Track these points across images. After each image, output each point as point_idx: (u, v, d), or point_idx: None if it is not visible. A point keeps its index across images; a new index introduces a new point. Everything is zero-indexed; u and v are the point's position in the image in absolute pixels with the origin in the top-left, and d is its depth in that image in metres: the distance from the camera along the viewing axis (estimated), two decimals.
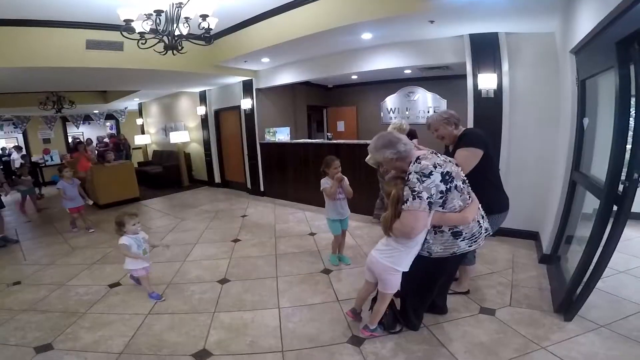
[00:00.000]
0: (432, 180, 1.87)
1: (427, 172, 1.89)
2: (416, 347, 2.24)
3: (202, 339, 2.44)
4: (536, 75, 3.80)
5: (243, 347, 2.34)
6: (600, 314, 2.45)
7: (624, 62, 2.04)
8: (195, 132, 9.02)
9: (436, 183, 1.88)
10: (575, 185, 3.11)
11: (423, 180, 1.88)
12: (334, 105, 9.44)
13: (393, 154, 2.02)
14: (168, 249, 4.11)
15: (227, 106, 7.84)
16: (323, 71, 5.82)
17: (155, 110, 10.75)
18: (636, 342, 2.14)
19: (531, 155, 3.93)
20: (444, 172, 1.91)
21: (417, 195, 1.87)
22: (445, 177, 1.90)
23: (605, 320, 2.38)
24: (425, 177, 1.88)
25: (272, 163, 6.95)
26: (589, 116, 2.92)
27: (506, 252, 3.73)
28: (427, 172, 1.89)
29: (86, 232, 5.27)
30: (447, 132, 2.60)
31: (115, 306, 2.99)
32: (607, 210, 2.21)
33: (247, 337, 2.45)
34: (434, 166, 1.90)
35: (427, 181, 1.88)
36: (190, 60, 5.40)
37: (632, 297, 2.65)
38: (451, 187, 1.92)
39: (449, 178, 1.91)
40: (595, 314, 2.45)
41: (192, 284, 3.36)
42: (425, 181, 1.88)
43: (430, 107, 7.71)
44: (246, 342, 2.39)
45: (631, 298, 2.65)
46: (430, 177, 1.88)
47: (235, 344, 2.38)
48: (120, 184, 7.07)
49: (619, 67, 2.07)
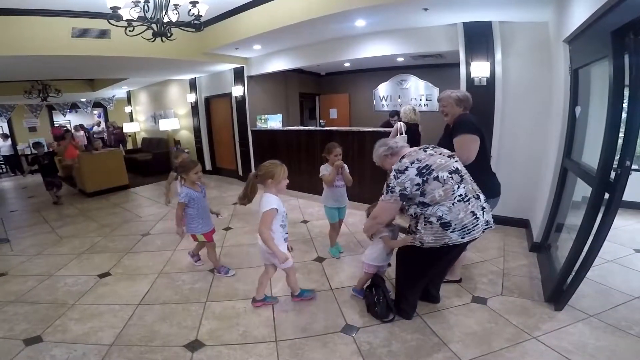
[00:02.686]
0: (406, 175, 2.06)
1: (402, 168, 2.09)
2: (409, 337, 2.25)
3: (194, 330, 2.42)
4: (529, 64, 3.80)
5: (236, 337, 2.33)
6: (589, 304, 2.48)
7: (618, 51, 2.03)
8: (185, 119, 8.93)
9: (411, 177, 2.05)
10: (566, 172, 3.12)
11: (398, 176, 2.09)
12: (327, 93, 9.38)
13: (385, 150, 2.31)
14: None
15: (218, 93, 7.76)
16: (316, 58, 5.75)
17: (144, 97, 10.59)
18: (625, 332, 2.17)
19: (522, 142, 3.94)
20: (422, 166, 2.06)
21: (390, 190, 2.13)
22: (422, 171, 2.04)
23: (595, 309, 2.42)
24: (400, 173, 2.09)
25: (264, 150, 6.89)
26: (581, 104, 2.92)
27: (497, 240, 3.76)
28: (402, 169, 2.09)
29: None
30: (453, 111, 2.66)
31: (105, 297, 2.94)
32: (599, 198, 2.22)
33: (240, 327, 2.43)
34: (411, 162, 2.08)
35: (401, 177, 2.07)
36: (180, 48, 5.30)
37: (620, 287, 2.70)
38: (428, 179, 2.03)
39: (426, 171, 2.04)
40: (585, 303, 2.48)
41: (183, 273, 3.32)
42: (400, 177, 2.08)
43: (422, 94, 7.70)
44: (239, 332, 2.37)
45: (619, 288, 2.69)
46: (405, 172, 2.07)
47: (227, 334, 2.36)
48: (109, 171, 6.95)
49: (613, 57, 2.05)
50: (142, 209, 5.79)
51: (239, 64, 6.71)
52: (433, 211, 2.04)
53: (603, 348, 2.04)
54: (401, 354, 2.10)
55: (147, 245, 4.12)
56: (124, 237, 4.40)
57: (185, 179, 3.17)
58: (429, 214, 2.05)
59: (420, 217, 2.11)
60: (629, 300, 2.52)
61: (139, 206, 6.03)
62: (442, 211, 2.02)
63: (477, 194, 2.14)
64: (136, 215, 5.38)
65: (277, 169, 2.39)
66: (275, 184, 2.39)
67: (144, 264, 3.57)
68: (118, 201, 6.35)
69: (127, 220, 5.12)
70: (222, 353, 2.16)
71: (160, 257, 3.72)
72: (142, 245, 4.11)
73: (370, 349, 2.16)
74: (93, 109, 12.82)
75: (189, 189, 3.11)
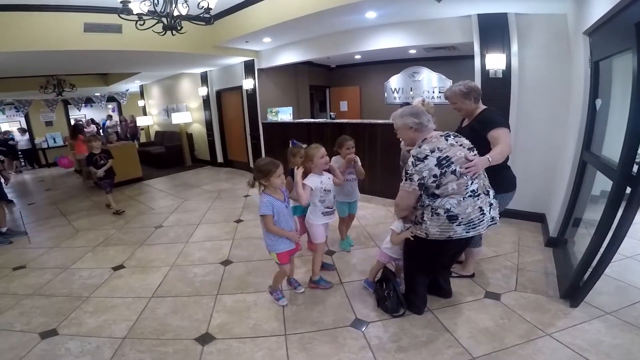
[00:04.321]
0: (425, 164, 1.98)
1: (421, 156, 2.00)
2: (420, 332, 2.23)
3: (205, 323, 2.44)
4: (546, 56, 3.68)
5: (246, 330, 2.35)
6: (606, 301, 2.41)
7: None
8: (197, 112, 9.00)
9: (430, 167, 1.97)
10: (585, 166, 3.02)
11: (416, 164, 2.00)
12: (337, 86, 9.32)
13: (414, 124, 2.13)
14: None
15: (229, 87, 7.78)
16: (326, 51, 5.68)
17: (156, 91, 10.71)
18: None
19: (539, 135, 3.83)
20: (442, 157, 1.97)
21: (408, 177, 2.04)
22: (442, 162, 1.97)
23: (612, 307, 2.34)
24: (419, 161, 2.00)
25: (275, 143, 6.91)
26: (601, 97, 2.82)
27: (512, 234, 3.68)
28: (421, 157, 2.00)
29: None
30: (464, 106, 2.60)
31: (118, 289, 3.00)
32: (620, 191, 2.14)
33: (250, 320, 2.45)
34: (431, 151, 1.99)
35: (419, 165, 1.99)
36: (191, 41, 5.30)
37: (639, 284, 2.61)
38: (447, 171, 1.97)
39: (445, 163, 1.97)
40: (602, 300, 2.41)
41: (195, 266, 3.35)
42: (418, 165, 1.99)
43: (435, 87, 7.56)
44: (249, 326, 2.39)
45: (638, 285, 2.60)
46: (425, 161, 1.98)
47: (238, 327, 2.38)
48: (123, 164, 7.03)
49: (637, 49, 1.96)
50: (155, 202, 5.89)
51: (250, 57, 6.69)
52: (442, 203, 2.00)
53: (619, 346, 1.99)
54: (411, 349, 2.08)
55: (160, 237, 4.18)
56: (138, 230, 4.47)
57: (265, 186, 2.42)
58: (437, 206, 2.02)
59: (427, 208, 2.07)
60: None
61: (152, 198, 6.13)
62: (451, 204, 1.99)
63: (487, 190, 2.11)
64: (149, 208, 5.47)
65: (312, 151, 2.73)
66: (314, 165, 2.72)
67: (157, 257, 3.63)
68: (132, 194, 6.46)
69: (141, 213, 5.21)
70: (232, 346, 2.18)
71: (172, 250, 3.77)
72: (155, 238, 4.18)
73: (379, 343, 2.15)
74: (107, 103, 13.02)
75: (271, 197, 2.41)
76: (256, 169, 2.40)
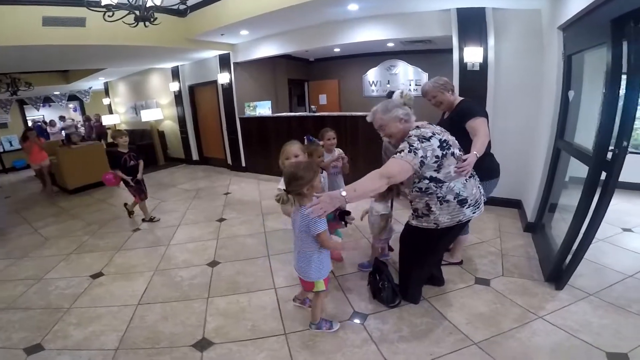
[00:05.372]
0: (430, 143, 1.94)
1: (427, 136, 1.96)
2: (419, 321, 2.27)
3: (200, 328, 2.36)
4: (521, 50, 3.83)
5: (244, 332, 2.29)
6: (587, 283, 2.54)
7: (617, 39, 2.06)
8: (169, 109, 8.69)
9: (434, 147, 1.94)
10: (559, 153, 3.18)
11: (423, 141, 1.94)
12: (316, 79, 9.30)
13: (404, 115, 2.10)
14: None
15: (203, 81, 7.56)
16: (306, 44, 5.60)
17: (123, 88, 10.23)
18: (625, 310, 2.23)
19: (514, 125, 3.99)
20: (442, 139, 1.99)
21: (414, 149, 1.92)
22: (443, 144, 1.97)
23: (593, 288, 2.48)
24: (425, 139, 1.95)
25: (254, 138, 6.81)
26: (573, 89, 2.97)
27: (492, 220, 3.83)
28: (427, 136, 1.96)
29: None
30: (444, 97, 2.69)
31: (101, 298, 2.84)
32: (596, 176, 2.27)
33: (247, 322, 2.39)
34: (432, 133, 1.99)
35: (425, 143, 1.94)
36: (162, 34, 5.05)
37: (613, 266, 2.77)
38: (447, 153, 1.98)
39: (446, 145, 1.98)
40: (583, 282, 2.54)
41: (180, 269, 3.24)
42: (424, 142, 1.94)
43: (411, 80, 7.70)
44: (247, 327, 2.34)
45: (612, 266, 2.77)
46: (430, 140, 1.95)
47: (235, 330, 2.32)
48: (90, 166, 6.66)
49: (612, 44, 2.08)
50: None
51: (225, 50, 6.49)
52: (450, 188, 2.02)
53: (607, 326, 2.10)
54: (413, 338, 2.12)
55: (139, 241, 4.00)
56: (114, 234, 4.26)
57: (306, 195, 1.94)
58: (445, 192, 2.02)
59: (432, 198, 2.04)
60: (623, 278, 2.60)
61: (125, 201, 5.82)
62: (459, 188, 2.03)
63: (474, 171, 2.20)
64: (124, 211, 5.20)
65: (285, 148, 2.51)
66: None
67: (138, 262, 3.47)
68: (103, 197, 6.13)
69: (115, 217, 4.96)
70: (232, 350, 2.13)
71: (154, 253, 3.62)
72: (133, 242, 3.99)
73: (381, 335, 2.17)
74: (68, 102, 12.23)
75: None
76: (296, 177, 1.88)
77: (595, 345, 1.95)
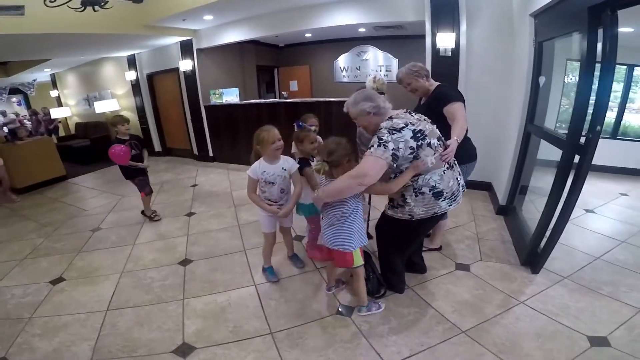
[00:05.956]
0: (402, 135, 1.86)
1: (398, 127, 1.87)
2: (406, 311, 2.26)
3: (179, 332, 2.21)
4: (492, 36, 3.87)
5: (227, 334, 2.17)
6: (560, 266, 2.64)
7: (593, 26, 2.08)
8: (126, 99, 8.15)
9: (406, 139, 1.86)
10: (529, 137, 3.27)
11: (393, 133, 1.86)
12: (286, 65, 9.04)
13: (372, 108, 1.98)
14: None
15: (163, 69, 7.12)
16: (275, 28, 5.35)
17: (73, 80, 9.48)
18: (597, 293, 2.34)
19: (485, 110, 4.05)
20: (416, 129, 1.89)
21: (383, 143, 1.84)
22: (417, 135, 1.88)
23: (566, 271, 2.58)
24: (395, 131, 1.86)
25: (221, 126, 6.53)
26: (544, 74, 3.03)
27: (465, 203, 3.90)
28: (398, 127, 1.87)
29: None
30: (419, 84, 2.63)
31: (64, 306, 2.59)
32: (569, 160, 2.33)
33: (229, 323, 2.27)
34: (405, 124, 1.89)
35: (396, 135, 1.85)
36: (115, 21, 4.64)
37: (580, 247, 2.91)
38: (423, 144, 1.90)
39: (420, 135, 1.89)
40: (556, 265, 2.63)
41: (150, 270, 3.02)
42: (395, 134, 1.85)
43: (381, 65, 7.68)
44: (229, 329, 2.21)
45: (580, 248, 2.90)
46: (401, 132, 1.86)
47: (217, 332, 2.19)
48: (40, 162, 6.10)
49: (588, 31, 2.10)
50: (86, 202, 5.20)
51: (187, 36, 6.12)
52: (425, 181, 1.96)
53: (584, 310, 2.18)
54: (402, 330, 2.10)
55: (101, 241, 3.70)
56: (71, 236, 3.91)
57: (343, 167, 2.00)
58: (421, 184, 1.97)
59: (408, 189, 2.00)
60: (592, 260, 2.73)
61: (82, 198, 5.41)
62: (435, 180, 1.97)
63: (454, 161, 2.16)
64: (81, 209, 4.82)
65: (262, 134, 2.39)
66: (263, 149, 2.41)
67: (102, 264, 3.21)
68: (56, 195, 5.63)
69: (71, 216, 4.56)
70: (217, 354, 2.01)
71: (119, 254, 3.36)
72: (94, 243, 3.69)
73: (370, 328, 2.13)
74: (10, 96, 11.13)
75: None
76: (341, 147, 1.99)
77: (576, 329, 2.02)
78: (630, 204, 3.88)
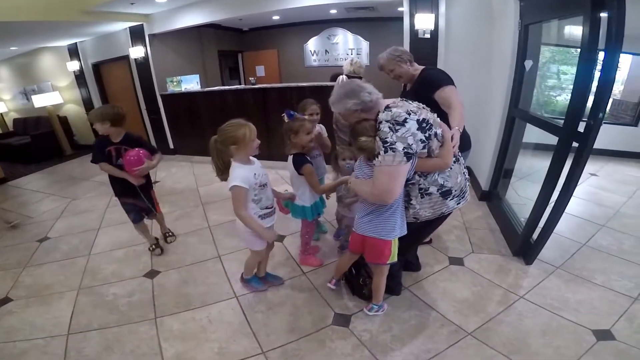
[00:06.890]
0: (407, 128, 1.56)
1: (400, 119, 1.57)
2: (407, 315, 2.11)
3: (157, 356, 1.92)
4: (471, 18, 3.76)
5: (212, 356, 1.91)
6: (551, 255, 2.58)
7: (597, 8, 1.96)
8: (69, 91, 7.40)
9: (413, 132, 1.57)
10: (513, 121, 3.20)
11: (397, 129, 1.55)
12: (251, 49, 8.58)
13: (356, 105, 1.68)
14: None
15: (110, 57, 6.48)
16: (239, 10, 4.92)
17: (5, 72, 8.47)
18: (591, 282, 2.31)
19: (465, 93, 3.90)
20: (420, 119, 1.60)
21: (389, 147, 1.55)
22: (422, 125, 1.60)
23: (557, 261, 2.54)
24: (399, 125, 1.56)
25: (182, 116, 6.03)
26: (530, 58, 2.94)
27: None
28: (400, 120, 1.56)
29: None
30: (403, 70, 2.40)
31: (17, 330, 2.22)
32: (566, 147, 2.25)
33: (213, 344, 2.00)
34: (407, 113, 1.58)
35: (401, 130, 1.55)
36: (48, 6, 4.02)
37: (566, 233, 2.87)
38: (431, 134, 1.63)
39: (426, 125, 1.61)
40: (547, 255, 2.57)
41: (111, 285, 2.65)
42: (400, 130, 1.55)
43: (351, 48, 7.48)
44: (214, 351, 1.95)
45: (566, 234, 2.86)
46: (405, 124, 1.56)
47: (200, 355, 1.92)
48: None
49: (591, 13, 1.99)
50: (30, 207, 4.59)
51: (137, 21, 5.52)
52: (433, 179, 1.74)
53: (582, 302, 2.14)
54: (405, 336, 1.95)
55: (50, 253, 3.23)
56: (14, 248, 3.40)
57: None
58: (428, 184, 1.75)
59: (413, 189, 1.78)
60: (579, 248, 2.71)
61: (25, 203, 4.77)
62: (444, 178, 1.75)
63: (459, 154, 1.95)
64: (24, 216, 4.23)
65: (241, 130, 1.85)
66: (241, 149, 1.89)
67: (54, 280, 2.78)
68: None
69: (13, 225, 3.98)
70: None
71: (72, 268, 2.94)
72: (42, 255, 3.21)
73: (371, 337, 1.96)
74: None
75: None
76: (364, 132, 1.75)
77: (580, 324, 1.97)
78: (601, 184, 3.98)
